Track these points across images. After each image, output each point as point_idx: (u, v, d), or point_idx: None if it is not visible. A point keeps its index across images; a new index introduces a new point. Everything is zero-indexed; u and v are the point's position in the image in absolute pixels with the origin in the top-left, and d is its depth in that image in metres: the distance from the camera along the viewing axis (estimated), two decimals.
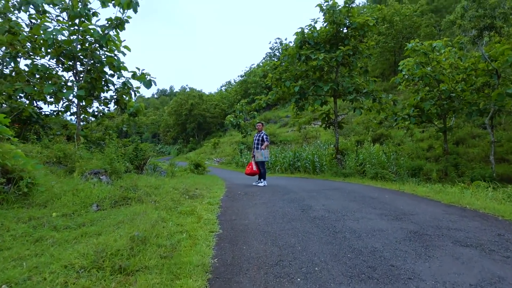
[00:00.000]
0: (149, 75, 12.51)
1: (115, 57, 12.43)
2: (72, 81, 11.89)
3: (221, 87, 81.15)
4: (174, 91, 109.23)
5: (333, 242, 3.83)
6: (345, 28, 14.70)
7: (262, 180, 9.47)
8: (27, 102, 12.50)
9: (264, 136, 9.59)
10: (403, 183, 12.38)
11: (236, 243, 3.85)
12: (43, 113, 13.26)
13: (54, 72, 12.12)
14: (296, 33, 15.01)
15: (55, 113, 13.94)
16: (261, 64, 59.38)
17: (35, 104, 13.03)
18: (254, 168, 9.61)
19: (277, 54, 59.60)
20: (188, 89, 71.14)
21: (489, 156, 16.89)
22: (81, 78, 12.16)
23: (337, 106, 16.05)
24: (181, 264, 3.08)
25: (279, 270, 3.07)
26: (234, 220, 4.88)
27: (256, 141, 9.69)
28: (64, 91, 10.80)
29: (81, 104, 13.09)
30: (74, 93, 11.15)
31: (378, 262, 3.24)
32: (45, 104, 13.29)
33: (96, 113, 14.39)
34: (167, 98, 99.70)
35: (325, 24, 15.06)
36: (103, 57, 12.33)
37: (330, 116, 16.53)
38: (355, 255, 3.43)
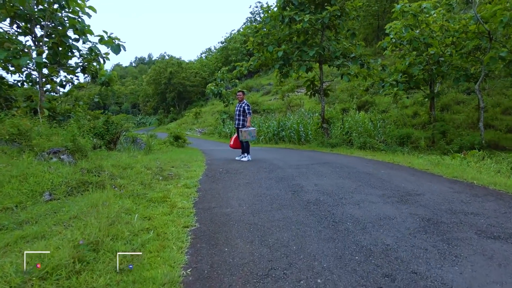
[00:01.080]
0: (118, 39, 11.33)
1: (79, 19, 11.14)
2: (30, 46, 10.62)
3: (201, 54, 78.60)
4: (153, 59, 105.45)
5: (334, 238, 3.13)
6: None
7: (245, 154, 8.69)
8: None
9: (246, 107, 8.70)
10: (394, 153, 11.90)
11: (216, 242, 3.10)
12: (10, 83, 12.06)
13: (14, 37, 10.81)
14: None
15: (19, 83, 12.70)
16: (241, 30, 57.19)
17: None
18: (232, 142, 8.85)
19: (258, 19, 57.44)
20: (167, 57, 68.40)
21: (477, 123, 16.58)
22: (41, 44, 10.91)
23: (322, 72, 15.19)
24: (142, 282, 2.32)
25: (271, 285, 2.35)
26: (214, 209, 4.12)
27: (237, 112, 8.80)
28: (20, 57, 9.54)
29: (44, 72, 11.89)
30: (33, 60, 9.94)
31: (395, 268, 2.55)
32: (7, 73, 12.03)
33: (64, 83, 13.18)
34: (146, 67, 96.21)
35: None
36: (65, 19, 11.03)
37: (315, 83, 15.69)
38: (364, 257, 2.74)
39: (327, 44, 14.08)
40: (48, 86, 12.36)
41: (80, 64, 11.78)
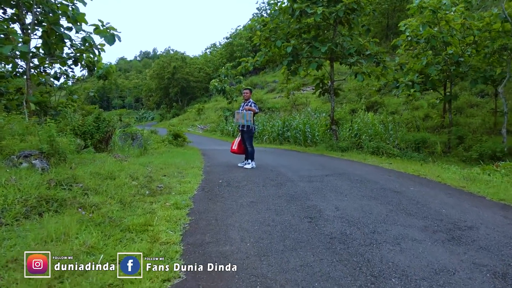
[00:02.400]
0: (114, 29, 10.33)
1: (71, 6, 10.21)
2: (16, 33, 9.72)
3: (206, 49, 77.48)
4: (158, 53, 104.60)
5: None
6: None
7: (249, 161, 7.70)
8: None
9: (253, 105, 7.78)
10: (409, 159, 10.94)
11: None
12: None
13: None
14: None
15: (12, 75, 11.82)
16: (248, 27, 56.06)
17: None
18: (235, 146, 7.83)
19: (265, 15, 56.32)
20: (171, 52, 67.42)
21: (494, 128, 15.57)
22: (29, 32, 10.01)
23: (333, 70, 14.17)
24: None
25: None
26: (208, 245, 3.11)
27: (242, 110, 7.88)
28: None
29: (36, 63, 11.06)
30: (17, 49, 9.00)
31: None
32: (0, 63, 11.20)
33: (58, 75, 12.30)
34: (150, 61, 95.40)
35: None
36: (58, 5, 10.12)
37: (325, 82, 14.66)
38: None
39: (341, 40, 13.06)
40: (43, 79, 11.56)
41: (72, 55, 10.85)
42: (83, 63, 10.92)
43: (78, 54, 10.83)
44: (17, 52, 9.00)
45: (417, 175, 6.88)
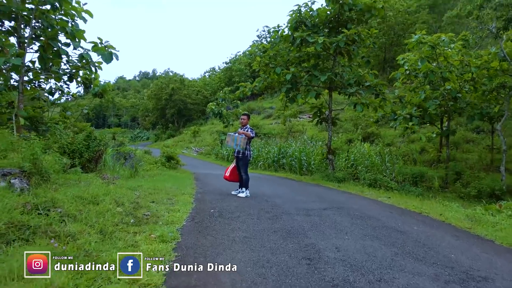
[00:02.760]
0: (113, 47, 10.16)
1: (71, 22, 10.08)
2: (12, 45, 9.56)
3: (205, 73, 78.20)
4: (157, 74, 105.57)
5: None
6: (348, 10, 12.51)
7: (243, 189, 7.35)
8: None
9: (249, 130, 7.49)
10: (407, 194, 10.66)
11: None
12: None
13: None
14: (292, 12, 12.80)
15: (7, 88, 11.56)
16: (247, 53, 56.71)
17: None
18: (227, 173, 7.53)
19: (265, 42, 57.15)
20: (171, 73, 67.96)
21: (491, 165, 15.45)
22: (25, 45, 9.81)
23: (332, 99, 14.08)
24: None
25: None
26: None
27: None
28: None
29: (27, 77, 10.83)
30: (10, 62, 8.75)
31: None
32: None
33: (53, 90, 12.05)
34: (149, 81, 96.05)
35: (324, 4, 12.94)
36: (58, 20, 9.99)
37: (323, 111, 14.55)
38: None
39: (341, 70, 13.04)
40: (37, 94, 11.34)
41: (67, 70, 10.64)
42: (78, 79, 10.71)
43: (73, 71, 10.63)
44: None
45: (419, 212, 6.56)
